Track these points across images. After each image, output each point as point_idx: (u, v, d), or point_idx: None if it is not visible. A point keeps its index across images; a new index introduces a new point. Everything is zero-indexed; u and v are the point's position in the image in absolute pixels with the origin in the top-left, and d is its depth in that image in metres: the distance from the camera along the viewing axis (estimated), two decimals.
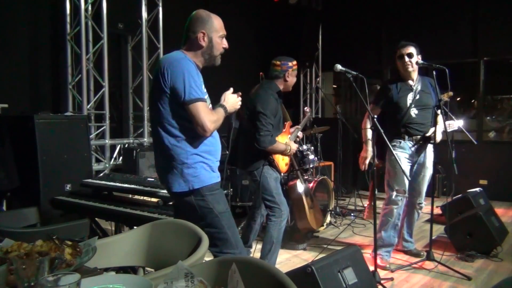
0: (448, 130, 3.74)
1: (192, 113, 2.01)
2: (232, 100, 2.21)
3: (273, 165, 3.33)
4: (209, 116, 2.03)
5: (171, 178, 2.09)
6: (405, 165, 3.49)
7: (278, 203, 3.26)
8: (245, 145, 3.27)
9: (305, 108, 4.01)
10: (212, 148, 2.17)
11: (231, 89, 2.26)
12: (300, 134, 3.72)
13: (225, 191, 4.84)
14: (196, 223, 1.94)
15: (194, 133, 2.08)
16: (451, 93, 4.23)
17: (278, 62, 3.26)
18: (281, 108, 3.41)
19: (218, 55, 2.21)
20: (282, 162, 3.43)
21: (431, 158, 3.64)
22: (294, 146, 3.35)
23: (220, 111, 2.15)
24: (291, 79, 3.31)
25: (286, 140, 3.39)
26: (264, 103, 3.11)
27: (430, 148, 3.62)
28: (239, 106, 2.26)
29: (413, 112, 3.51)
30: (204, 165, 2.11)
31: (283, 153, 3.27)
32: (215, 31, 2.16)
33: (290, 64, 3.27)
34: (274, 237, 3.29)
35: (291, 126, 3.62)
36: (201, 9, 2.20)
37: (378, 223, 3.47)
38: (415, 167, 3.62)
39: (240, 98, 2.26)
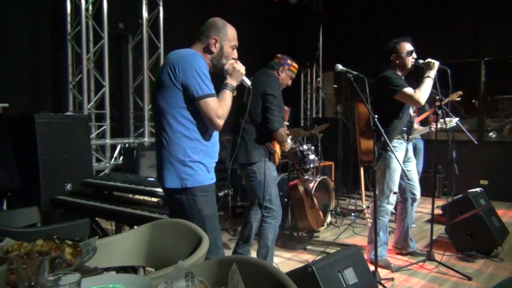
0: (448, 127, 3.75)
1: (203, 109, 2.03)
2: (231, 71, 2.18)
3: (272, 158, 3.29)
4: (218, 112, 2.05)
5: (165, 173, 2.09)
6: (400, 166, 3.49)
7: (275, 204, 3.23)
8: (245, 136, 3.18)
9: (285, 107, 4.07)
10: (211, 149, 2.17)
11: (230, 61, 2.20)
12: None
13: (226, 191, 4.86)
14: None
15: (196, 133, 2.08)
16: (460, 92, 4.23)
17: (279, 55, 3.37)
18: None
19: (225, 63, 2.21)
20: (277, 155, 3.42)
21: (412, 151, 3.72)
22: (289, 141, 3.42)
23: (226, 95, 2.14)
24: (283, 77, 3.34)
25: None
26: (272, 86, 3.16)
27: (411, 143, 3.71)
28: (244, 71, 2.22)
29: (411, 110, 3.52)
30: (201, 165, 2.11)
31: (282, 143, 3.30)
32: (227, 40, 2.19)
33: (289, 61, 3.34)
34: (270, 240, 3.24)
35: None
36: (218, 17, 2.23)
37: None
38: (405, 165, 3.62)
39: (237, 63, 2.20)
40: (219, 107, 2.06)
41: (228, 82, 2.18)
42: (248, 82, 2.30)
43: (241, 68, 2.20)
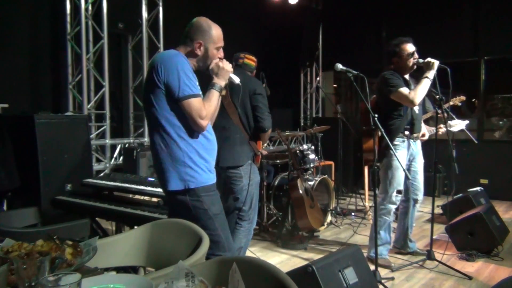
0: (454, 130, 3.74)
1: (186, 109, 2.03)
2: (217, 70, 2.16)
3: (256, 160, 3.23)
4: (201, 112, 2.03)
5: (167, 177, 2.09)
6: (405, 165, 3.48)
7: (253, 208, 3.19)
8: (230, 137, 3.07)
9: None
10: (209, 147, 2.17)
11: (214, 61, 2.18)
12: None
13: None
14: None
15: (191, 132, 2.08)
16: (463, 98, 4.20)
17: (254, 58, 3.37)
18: None
19: (209, 64, 2.20)
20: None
21: (420, 150, 3.68)
22: None
23: (211, 95, 2.12)
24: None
25: None
26: (259, 86, 3.17)
27: (419, 142, 3.67)
28: (230, 69, 2.20)
29: (416, 108, 3.50)
30: (202, 164, 2.11)
31: (264, 143, 3.34)
32: (212, 43, 2.16)
33: (256, 64, 3.42)
34: (243, 243, 3.19)
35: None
36: (203, 17, 2.20)
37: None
38: (412, 165, 3.62)
39: (222, 62, 2.18)
40: (202, 107, 2.04)
41: (215, 82, 2.15)
42: (236, 80, 2.26)
43: (226, 66, 2.18)
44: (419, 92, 3.29)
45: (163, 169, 2.10)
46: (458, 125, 3.92)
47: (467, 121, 4.00)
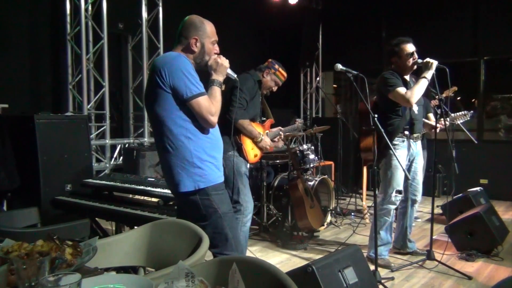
0: (460, 122, 3.73)
1: (195, 108, 2.04)
2: (215, 66, 2.19)
3: (241, 152, 3.22)
4: (211, 109, 2.06)
5: (177, 179, 2.09)
6: (405, 165, 3.47)
7: (243, 199, 3.17)
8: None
9: (297, 119, 4.00)
10: (215, 144, 2.18)
11: (212, 57, 2.20)
12: (280, 142, 3.64)
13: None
14: (198, 222, 1.94)
15: (197, 132, 2.09)
16: (455, 88, 4.19)
17: (270, 60, 3.47)
18: (262, 102, 3.53)
19: (208, 60, 2.21)
20: (252, 151, 3.33)
21: (421, 151, 3.67)
22: (268, 141, 3.37)
23: (214, 91, 2.15)
24: (267, 80, 3.44)
25: (262, 133, 3.40)
26: (241, 81, 3.13)
27: (419, 142, 3.67)
28: (227, 64, 2.22)
29: (415, 108, 3.49)
30: (210, 164, 2.12)
31: (254, 139, 3.28)
32: (207, 37, 2.18)
33: (276, 66, 3.46)
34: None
35: (273, 126, 3.63)
36: (194, 15, 2.22)
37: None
38: (412, 165, 3.62)
39: (220, 58, 2.20)
40: (211, 104, 2.07)
41: (214, 78, 2.18)
42: (233, 74, 2.31)
43: (224, 62, 2.20)
44: (415, 92, 3.28)
45: (172, 171, 2.10)
46: (463, 116, 3.87)
47: (472, 111, 3.96)
